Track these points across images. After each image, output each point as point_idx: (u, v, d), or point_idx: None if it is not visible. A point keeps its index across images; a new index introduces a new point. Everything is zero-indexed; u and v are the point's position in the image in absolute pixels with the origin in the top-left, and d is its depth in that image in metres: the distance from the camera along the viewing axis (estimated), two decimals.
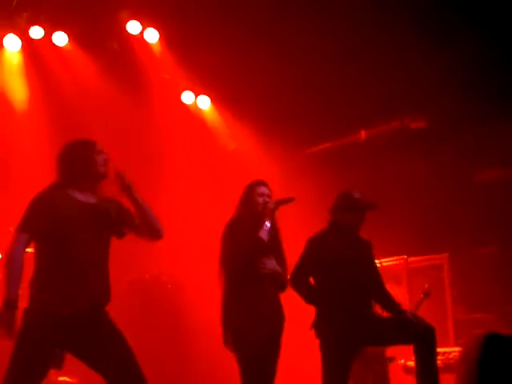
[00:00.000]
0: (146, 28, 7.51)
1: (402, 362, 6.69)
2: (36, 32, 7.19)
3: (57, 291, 3.86)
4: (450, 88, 7.07)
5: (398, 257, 8.07)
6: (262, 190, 4.86)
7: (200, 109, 8.62)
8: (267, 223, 4.66)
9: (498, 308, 7.50)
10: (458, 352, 6.41)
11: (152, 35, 7.57)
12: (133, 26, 7.43)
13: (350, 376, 4.87)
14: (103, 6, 7.02)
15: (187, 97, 8.50)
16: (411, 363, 5.67)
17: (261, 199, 4.80)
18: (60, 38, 7.34)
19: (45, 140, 7.11)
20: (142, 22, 7.44)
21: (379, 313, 5.25)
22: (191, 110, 8.59)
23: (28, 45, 7.33)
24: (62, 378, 6.41)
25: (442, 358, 6.48)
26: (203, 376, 7.36)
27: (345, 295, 4.87)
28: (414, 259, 8.13)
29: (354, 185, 5.53)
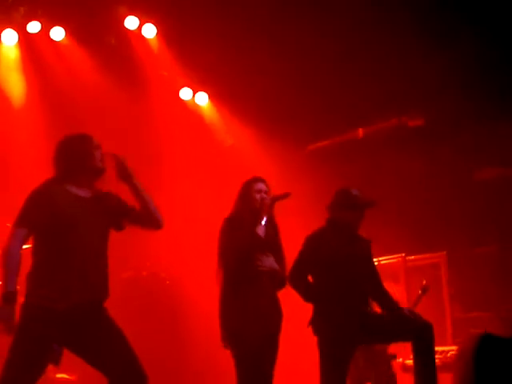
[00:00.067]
0: (144, 23, 7.49)
1: (401, 360, 6.68)
2: (33, 26, 7.16)
3: (55, 286, 3.83)
4: (450, 88, 7.08)
5: (395, 255, 8.06)
6: (260, 186, 4.85)
7: (198, 105, 8.60)
8: (264, 219, 4.65)
9: (495, 307, 7.50)
10: (456, 351, 6.40)
11: (150, 31, 7.55)
12: (130, 22, 7.40)
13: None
14: (101, 0, 7.01)
15: (185, 93, 8.47)
16: (409, 362, 5.66)
17: (258, 196, 4.80)
18: (57, 33, 7.32)
19: (42, 135, 7.07)
20: (139, 18, 7.42)
21: (377, 311, 5.24)
22: (189, 106, 8.56)
23: (25, 39, 7.30)
24: (60, 375, 6.37)
25: (440, 357, 6.48)
26: (201, 373, 7.35)
27: (343, 293, 4.85)
28: (412, 257, 8.12)
29: (352, 182, 5.50)
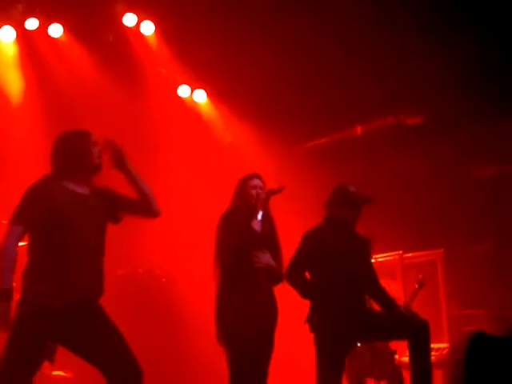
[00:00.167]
0: (142, 20, 7.46)
1: (397, 357, 6.68)
2: (31, 23, 7.15)
3: (52, 282, 3.82)
4: (449, 87, 7.07)
5: (393, 252, 8.06)
6: (256, 182, 4.87)
7: (196, 103, 8.59)
8: (260, 214, 4.66)
9: (491, 304, 7.50)
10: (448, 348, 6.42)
11: (148, 28, 7.52)
12: (128, 19, 7.38)
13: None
14: None
15: (183, 90, 8.46)
16: (405, 359, 5.67)
17: (254, 191, 4.81)
18: (55, 30, 7.29)
19: (40, 131, 7.06)
20: (137, 15, 7.39)
21: (374, 308, 5.24)
22: (187, 103, 8.56)
23: (23, 36, 7.28)
24: (56, 373, 6.36)
25: (436, 354, 6.48)
26: (197, 370, 7.35)
27: (340, 290, 4.86)
28: (409, 255, 8.12)
29: (350, 179, 5.51)
